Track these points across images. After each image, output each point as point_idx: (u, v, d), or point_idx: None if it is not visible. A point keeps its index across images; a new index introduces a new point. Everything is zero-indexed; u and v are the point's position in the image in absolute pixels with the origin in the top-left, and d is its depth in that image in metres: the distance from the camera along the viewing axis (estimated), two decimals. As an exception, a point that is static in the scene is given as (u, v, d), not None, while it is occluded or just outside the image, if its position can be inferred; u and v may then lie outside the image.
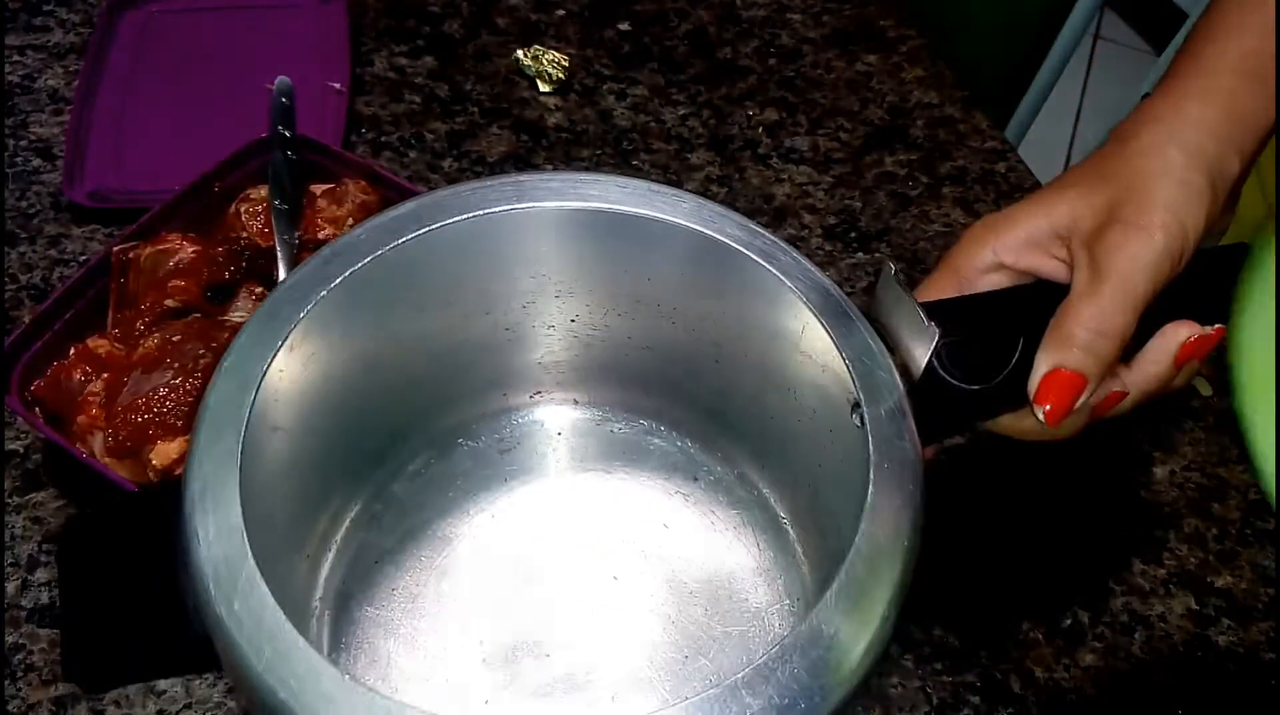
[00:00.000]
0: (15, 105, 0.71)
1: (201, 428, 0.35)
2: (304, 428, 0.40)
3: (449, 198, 0.41)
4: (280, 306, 0.38)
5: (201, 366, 0.49)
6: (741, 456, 0.49)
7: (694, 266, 0.42)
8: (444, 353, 0.46)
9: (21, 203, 0.66)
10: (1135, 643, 0.53)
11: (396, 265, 0.40)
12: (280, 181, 0.57)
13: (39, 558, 0.52)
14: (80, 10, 0.78)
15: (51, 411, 0.51)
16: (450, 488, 0.48)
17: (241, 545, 0.33)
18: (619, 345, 0.48)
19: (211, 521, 0.33)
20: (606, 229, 0.42)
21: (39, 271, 0.63)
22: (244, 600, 0.32)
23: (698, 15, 0.82)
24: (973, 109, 0.77)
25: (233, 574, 0.32)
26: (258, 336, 0.37)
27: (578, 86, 0.76)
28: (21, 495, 0.54)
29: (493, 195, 0.41)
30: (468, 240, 0.42)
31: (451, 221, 0.41)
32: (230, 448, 0.34)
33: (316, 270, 0.39)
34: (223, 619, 0.32)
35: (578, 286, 0.45)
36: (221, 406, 0.35)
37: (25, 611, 0.50)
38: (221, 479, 0.34)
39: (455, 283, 0.43)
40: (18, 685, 0.48)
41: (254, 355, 0.37)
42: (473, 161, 0.71)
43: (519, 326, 0.47)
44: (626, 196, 0.42)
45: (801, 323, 0.40)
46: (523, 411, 0.51)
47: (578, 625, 0.45)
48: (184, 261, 0.55)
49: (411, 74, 0.76)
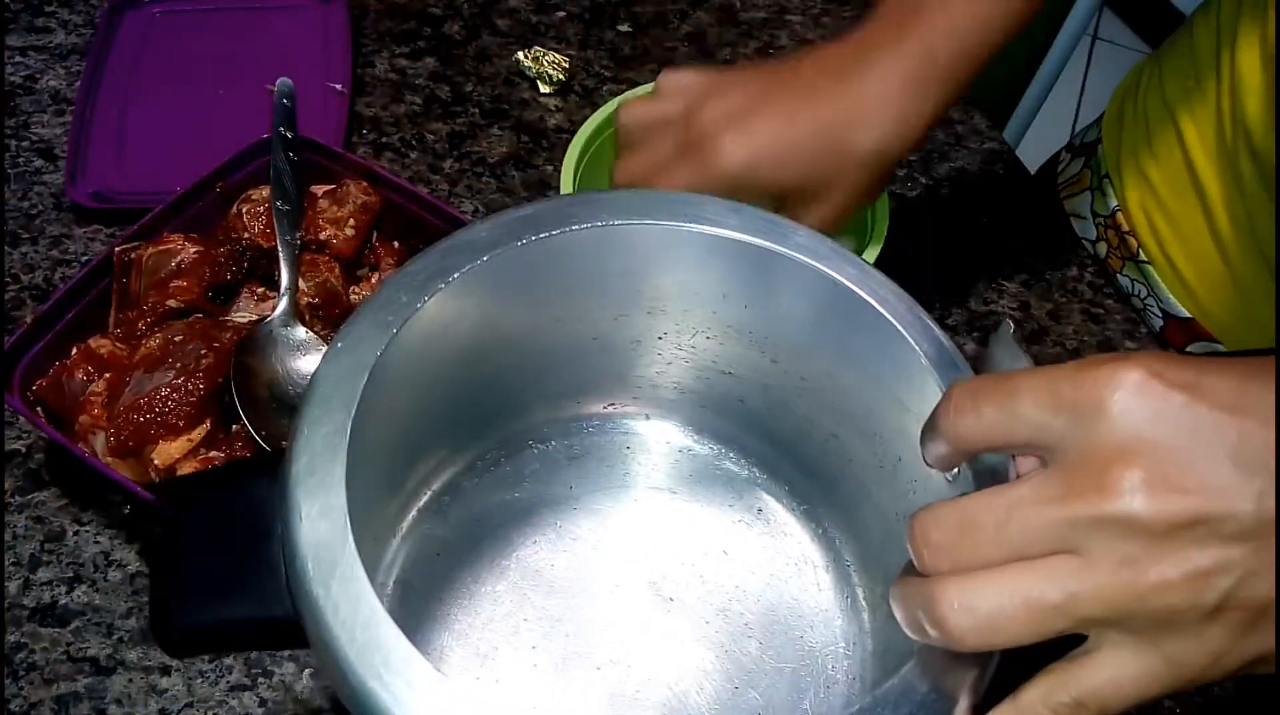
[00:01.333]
0: (17, 106, 0.72)
1: (310, 405, 0.35)
2: (395, 416, 0.40)
3: (572, 206, 0.41)
4: (397, 293, 0.38)
5: (203, 367, 0.49)
6: (812, 494, 0.48)
7: (799, 300, 0.42)
8: (532, 354, 0.46)
9: (24, 203, 0.66)
10: (1133, 642, 0.53)
11: (512, 265, 0.40)
12: (282, 182, 0.57)
13: (41, 557, 0.52)
14: (82, 11, 0.78)
15: (53, 411, 0.51)
16: (517, 488, 0.48)
17: (344, 528, 0.33)
18: (703, 367, 0.47)
19: (317, 501, 0.33)
20: (714, 252, 0.42)
21: (41, 272, 0.63)
22: (341, 584, 0.32)
23: (697, 17, 0.82)
24: (971, 109, 0.78)
25: (333, 556, 0.32)
26: (372, 321, 0.37)
27: (578, 88, 0.76)
28: (24, 495, 0.54)
29: (615, 207, 0.41)
30: (583, 249, 0.42)
31: (570, 229, 0.41)
32: (340, 427, 0.34)
33: (434, 262, 0.39)
34: (318, 600, 0.31)
35: (672, 305, 0.45)
36: (333, 387, 0.36)
37: (27, 611, 0.50)
38: (328, 459, 0.34)
39: (559, 288, 0.43)
40: (20, 684, 0.48)
41: (368, 339, 0.37)
42: (473, 162, 0.71)
43: (606, 337, 0.47)
44: (741, 223, 0.41)
45: (906, 371, 0.39)
46: (595, 421, 0.50)
47: (630, 643, 0.44)
48: (186, 262, 0.55)
49: (412, 75, 0.76)
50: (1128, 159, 0.66)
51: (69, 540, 0.53)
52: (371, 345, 0.37)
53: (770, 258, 0.41)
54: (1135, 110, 0.66)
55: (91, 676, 0.49)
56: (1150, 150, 0.64)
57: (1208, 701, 0.52)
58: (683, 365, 0.48)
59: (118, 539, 0.53)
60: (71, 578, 0.52)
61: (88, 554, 0.52)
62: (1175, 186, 0.63)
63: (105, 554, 0.52)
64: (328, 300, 0.56)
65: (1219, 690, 0.52)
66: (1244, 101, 0.56)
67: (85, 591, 0.51)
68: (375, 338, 0.37)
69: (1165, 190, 0.64)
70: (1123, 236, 0.67)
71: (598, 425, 0.50)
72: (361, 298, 0.57)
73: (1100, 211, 0.69)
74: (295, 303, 0.54)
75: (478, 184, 0.70)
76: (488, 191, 0.70)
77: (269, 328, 0.53)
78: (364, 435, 0.36)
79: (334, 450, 0.34)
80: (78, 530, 0.53)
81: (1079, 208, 0.71)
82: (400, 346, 0.38)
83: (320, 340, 0.53)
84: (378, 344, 0.37)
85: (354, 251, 0.58)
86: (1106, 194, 0.68)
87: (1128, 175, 0.66)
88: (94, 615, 0.51)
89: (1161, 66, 0.65)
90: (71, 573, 0.52)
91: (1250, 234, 0.58)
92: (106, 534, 0.53)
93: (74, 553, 0.52)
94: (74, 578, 0.52)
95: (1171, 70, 0.64)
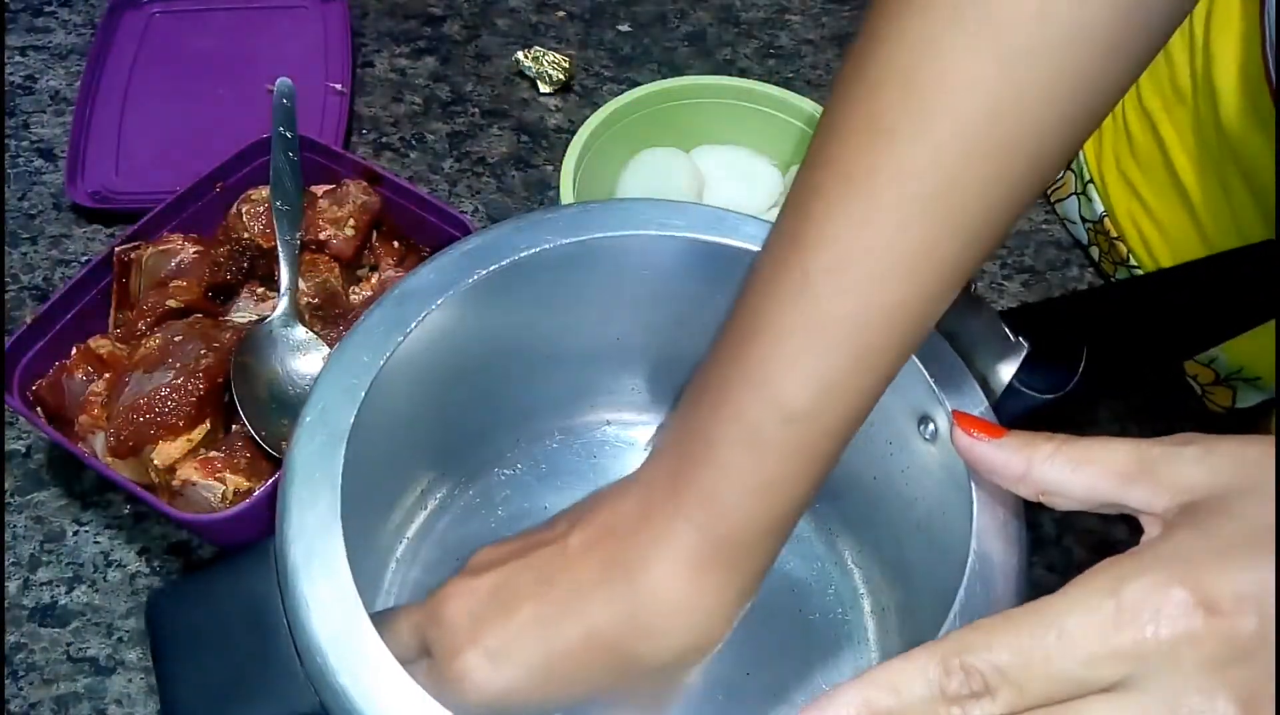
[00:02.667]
0: (17, 106, 0.72)
1: (293, 485, 0.35)
2: (375, 476, 0.41)
3: (516, 232, 0.42)
4: (358, 354, 0.38)
5: (203, 367, 0.49)
6: None
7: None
8: (550, 357, 0.47)
9: (23, 203, 0.66)
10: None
11: (464, 302, 0.41)
12: (281, 182, 0.57)
13: (40, 557, 0.52)
14: (82, 11, 0.78)
15: (53, 411, 0.51)
16: (491, 517, 0.48)
17: (358, 613, 0.32)
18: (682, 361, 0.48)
19: (323, 587, 0.32)
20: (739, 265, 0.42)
21: (41, 272, 0.63)
22: (372, 674, 0.30)
23: (697, 16, 0.82)
24: (972, 110, 0.78)
25: (353, 644, 0.31)
26: (338, 387, 0.38)
27: (578, 87, 0.76)
28: (23, 495, 0.54)
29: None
30: (535, 273, 0.42)
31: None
32: (330, 506, 0.34)
33: (389, 313, 0.39)
34: (348, 693, 0.30)
35: (690, 317, 0.45)
36: (313, 464, 0.35)
37: (27, 611, 0.50)
38: (325, 542, 0.33)
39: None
40: (19, 684, 0.48)
41: (337, 407, 0.37)
42: (473, 162, 0.71)
43: (627, 337, 0.47)
44: (689, 223, 0.42)
45: None
46: (611, 427, 0.51)
47: None
48: (185, 262, 0.55)
49: (412, 75, 0.76)
50: (1110, 165, 0.66)
51: (69, 540, 0.53)
52: (343, 413, 0.37)
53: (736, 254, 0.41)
54: (1114, 117, 0.66)
55: (91, 676, 0.49)
56: (1133, 156, 0.64)
57: None
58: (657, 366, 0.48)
59: (118, 539, 0.53)
60: (71, 578, 0.52)
61: (87, 554, 0.52)
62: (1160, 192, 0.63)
63: (105, 554, 0.52)
64: (328, 300, 0.56)
65: None
66: (1223, 110, 0.56)
67: (85, 591, 0.51)
68: (344, 405, 0.37)
69: (1150, 195, 0.63)
70: (1112, 242, 0.67)
71: (613, 430, 0.51)
72: (361, 299, 0.57)
73: (1088, 217, 0.69)
74: (295, 303, 0.54)
75: (478, 184, 0.70)
76: (488, 191, 0.70)
77: (269, 328, 0.53)
78: (350, 508, 0.35)
79: (329, 531, 0.34)
80: (78, 530, 0.53)
81: (1068, 212, 0.71)
82: (370, 408, 0.38)
83: (320, 340, 0.53)
84: (349, 411, 0.37)
85: (354, 251, 0.58)
86: (1092, 199, 0.68)
87: (1111, 181, 0.66)
88: (94, 615, 0.51)
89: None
90: (71, 573, 0.52)
91: (1238, 238, 0.58)
92: (106, 534, 0.53)
93: (74, 553, 0.52)
94: (74, 578, 0.52)
95: (1147, 75, 0.64)
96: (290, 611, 0.33)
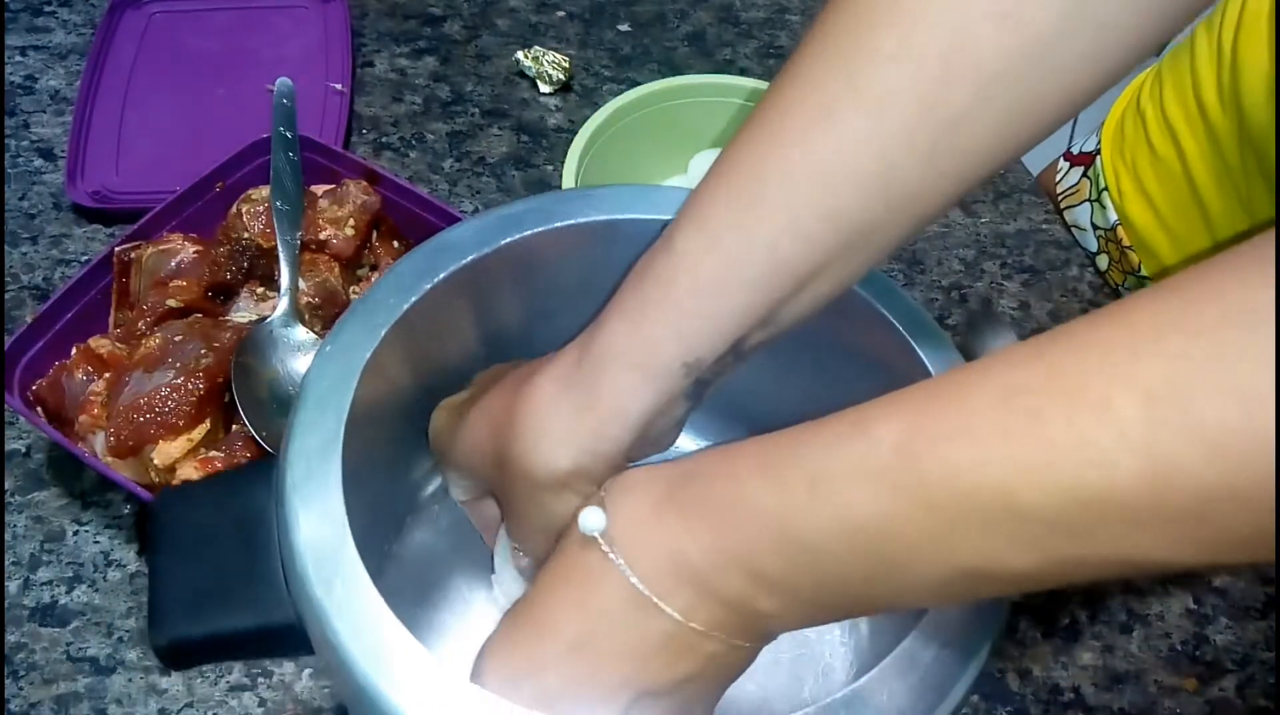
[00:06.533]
0: (17, 105, 0.72)
1: (302, 410, 0.35)
2: (387, 419, 0.41)
3: (559, 202, 0.42)
4: (385, 296, 0.38)
5: (203, 367, 0.49)
6: None
7: None
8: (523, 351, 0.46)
9: (23, 203, 0.66)
10: (1133, 641, 0.53)
11: (499, 262, 0.41)
12: (281, 182, 0.57)
13: (40, 557, 0.52)
14: (82, 11, 0.78)
15: (53, 411, 0.51)
16: None
17: (343, 531, 0.33)
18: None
19: (315, 506, 0.33)
20: None
21: (41, 271, 0.63)
22: (345, 585, 0.32)
23: (697, 16, 0.82)
24: (972, 110, 0.77)
25: (334, 559, 0.32)
26: (361, 324, 0.38)
27: (578, 87, 0.77)
28: (24, 494, 0.54)
29: (606, 203, 0.42)
30: (572, 244, 0.42)
31: (558, 225, 0.41)
32: (333, 433, 0.35)
33: (421, 262, 0.40)
34: (321, 603, 0.32)
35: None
36: (325, 392, 0.36)
37: (27, 611, 0.50)
38: (323, 465, 0.34)
39: (550, 284, 0.44)
40: (20, 684, 0.48)
41: (358, 342, 0.37)
42: (473, 162, 0.71)
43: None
44: None
45: (894, 345, 0.40)
46: None
47: None
48: (185, 262, 0.55)
49: (412, 75, 0.76)
50: (1128, 173, 0.66)
51: (69, 540, 0.53)
52: (361, 349, 0.37)
53: None
54: (1136, 124, 0.66)
55: (91, 676, 0.49)
56: (1151, 165, 0.64)
57: (1204, 700, 0.52)
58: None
59: (118, 539, 0.53)
60: (71, 578, 0.52)
61: (87, 554, 0.52)
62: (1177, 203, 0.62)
63: (105, 554, 0.52)
64: (327, 300, 0.56)
65: (1216, 689, 0.52)
66: (1249, 122, 0.56)
67: (85, 591, 0.51)
68: (365, 341, 0.37)
69: (1167, 207, 0.63)
70: (1124, 251, 0.67)
71: None
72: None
73: (1100, 224, 0.68)
74: (295, 303, 0.54)
75: (477, 184, 0.70)
76: (487, 191, 0.70)
77: (269, 328, 0.53)
78: (357, 439, 0.36)
79: (329, 455, 0.34)
80: (78, 530, 0.53)
81: (1079, 219, 0.71)
82: (390, 348, 0.38)
83: (320, 340, 0.53)
84: (367, 347, 0.37)
85: (354, 251, 0.58)
86: (1106, 207, 0.68)
87: (1128, 190, 0.66)
88: (94, 615, 0.51)
89: (1162, 81, 0.64)
90: (71, 573, 0.52)
91: None
92: (106, 534, 0.53)
93: (74, 553, 0.52)
94: (74, 578, 0.52)
95: (1172, 85, 0.63)
96: (281, 525, 0.34)
